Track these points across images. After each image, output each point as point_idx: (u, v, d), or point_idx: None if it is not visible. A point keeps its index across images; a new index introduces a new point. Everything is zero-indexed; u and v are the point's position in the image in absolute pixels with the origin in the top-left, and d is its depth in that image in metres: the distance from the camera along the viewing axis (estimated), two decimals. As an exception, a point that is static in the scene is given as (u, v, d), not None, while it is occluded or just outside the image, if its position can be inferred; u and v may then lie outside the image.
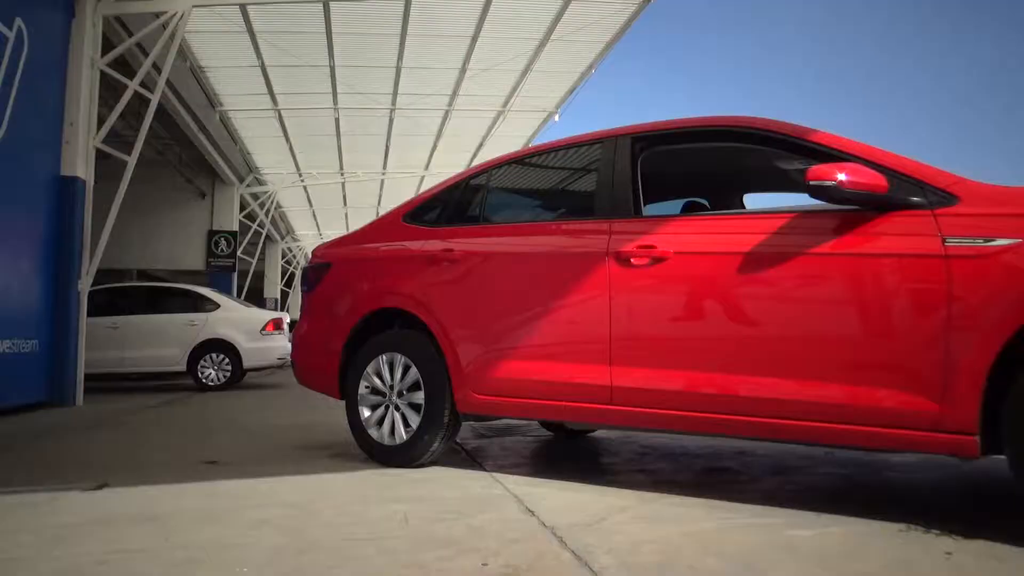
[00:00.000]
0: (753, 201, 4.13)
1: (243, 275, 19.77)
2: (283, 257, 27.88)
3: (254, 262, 20.74)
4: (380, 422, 3.71)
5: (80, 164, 7.79)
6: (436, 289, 3.63)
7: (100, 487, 3.26)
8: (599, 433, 4.84)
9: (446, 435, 3.57)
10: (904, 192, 2.51)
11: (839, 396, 2.52)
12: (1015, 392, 2.20)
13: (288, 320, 11.35)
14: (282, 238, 27.03)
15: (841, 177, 2.46)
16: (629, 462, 3.82)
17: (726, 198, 4.05)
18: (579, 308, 3.16)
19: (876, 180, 2.49)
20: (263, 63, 11.93)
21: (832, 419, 2.53)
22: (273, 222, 22.88)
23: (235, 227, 17.79)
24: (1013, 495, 2.54)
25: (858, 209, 2.57)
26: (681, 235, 2.98)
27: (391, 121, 14.89)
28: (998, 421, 2.25)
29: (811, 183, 2.51)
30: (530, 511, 2.70)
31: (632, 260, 3.03)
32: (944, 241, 2.38)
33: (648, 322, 2.99)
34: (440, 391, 3.53)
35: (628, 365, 3.00)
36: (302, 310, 4.42)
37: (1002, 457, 2.27)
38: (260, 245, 21.46)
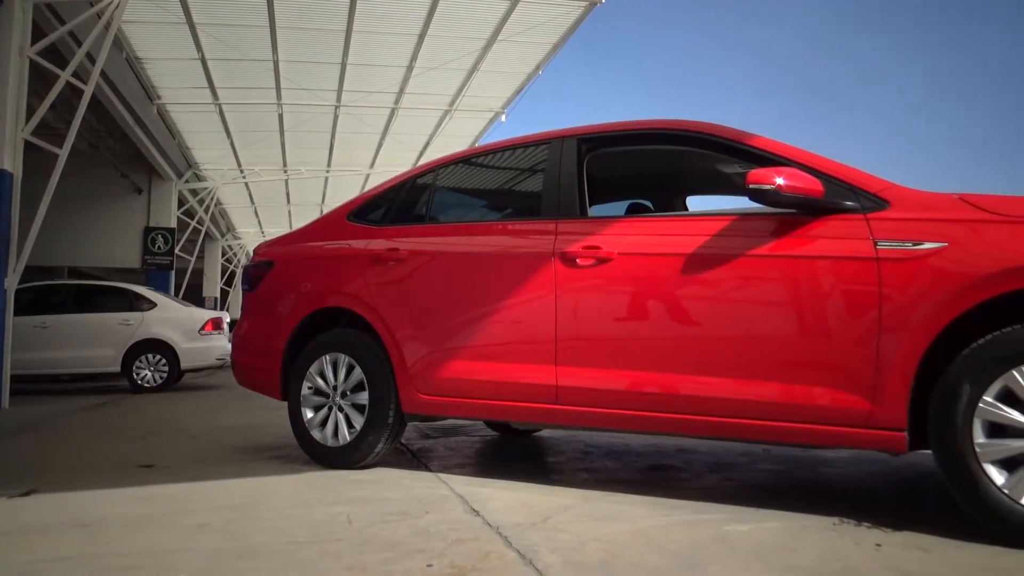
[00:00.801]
0: (695, 203, 4.21)
1: (181, 273, 19.25)
2: (223, 255, 27.24)
3: (193, 260, 20.21)
4: (323, 423, 3.66)
5: (7, 156, 7.47)
6: (381, 288, 3.60)
7: (28, 493, 3.13)
8: (544, 432, 4.87)
9: (391, 436, 3.54)
10: (838, 196, 2.60)
11: (777, 394, 2.59)
12: (939, 390, 2.30)
13: (228, 319, 11.09)
14: (222, 236, 26.40)
15: (779, 181, 2.53)
16: (573, 461, 3.85)
17: (669, 200, 4.12)
18: (525, 308, 3.18)
19: (812, 185, 2.57)
20: (203, 56, 11.64)
21: (770, 417, 2.60)
22: (213, 219, 22.35)
23: (173, 224, 17.29)
24: (938, 488, 2.65)
25: (795, 213, 2.65)
26: (626, 236, 3.02)
27: (336, 118, 14.70)
28: (924, 417, 2.35)
29: (750, 187, 2.57)
30: (475, 511, 2.70)
31: (578, 260, 3.05)
32: (876, 244, 2.47)
33: (593, 322, 3.02)
34: (385, 391, 3.50)
35: (574, 365, 3.02)
36: (243, 309, 4.33)
37: (928, 452, 2.37)
38: (199, 243, 20.92)
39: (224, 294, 27.80)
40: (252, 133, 15.61)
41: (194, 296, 20.74)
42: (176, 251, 17.37)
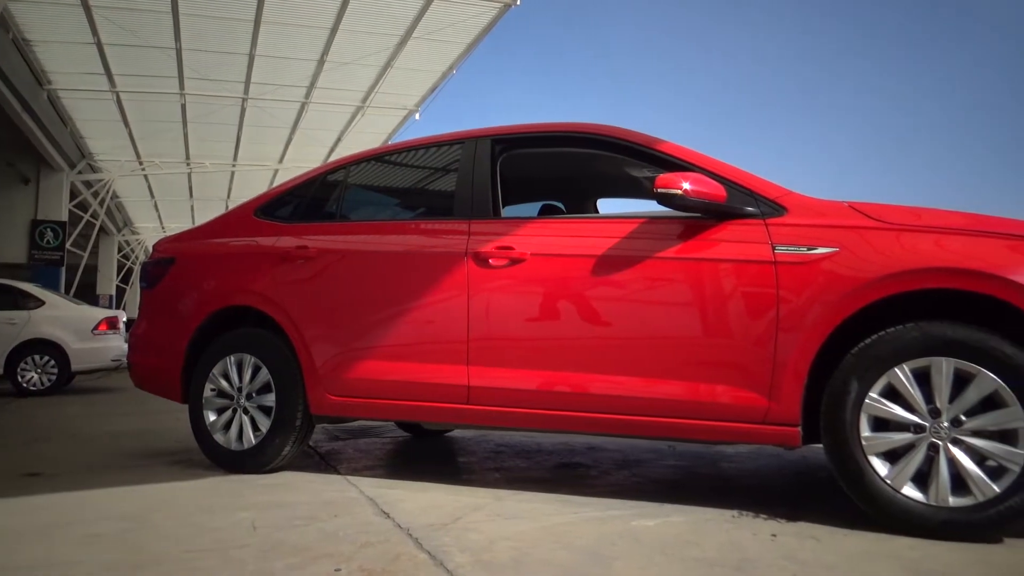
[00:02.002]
0: (606, 206, 4.30)
1: (73, 270, 18.17)
2: (120, 251, 25.93)
3: (86, 256, 19.10)
4: (227, 426, 3.54)
5: None
6: (289, 287, 3.51)
7: None
8: (455, 432, 4.86)
9: (298, 438, 3.46)
10: (740, 202, 2.71)
11: (682, 392, 2.68)
12: (830, 387, 2.44)
13: (124, 319, 10.56)
14: (119, 230, 25.13)
15: (685, 186, 2.62)
16: (485, 460, 3.86)
17: (581, 202, 4.19)
18: (438, 308, 3.17)
19: (716, 190, 2.68)
20: (100, 40, 11.05)
21: (676, 414, 2.69)
22: (109, 213, 21.22)
23: (64, 217, 16.30)
24: (829, 480, 2.80)
25: (700, 217, 2.75)
26: (538, 237, 3.06)
27: (243, 111, 14.23)
28: (817, 413, 2.48)
29: (658, 191, 2.65)
30: (385, 513, 2.67)
31: (491, 261, 3.07)
32: (774, 248, 2.59)
33: (505, 322, 3.04)
34: (292, 393, 3.42)
35: (486, 365, 3.03)
36: (141, 308, 4.14)
37: (820, 446, 2.51)
38: (93, 237, 19.80)
39: (120, 292, 26.47)
40: (152, 123, 14.92)
41: (87, 294, 19.66)
42: (68, 246, 16.40)
